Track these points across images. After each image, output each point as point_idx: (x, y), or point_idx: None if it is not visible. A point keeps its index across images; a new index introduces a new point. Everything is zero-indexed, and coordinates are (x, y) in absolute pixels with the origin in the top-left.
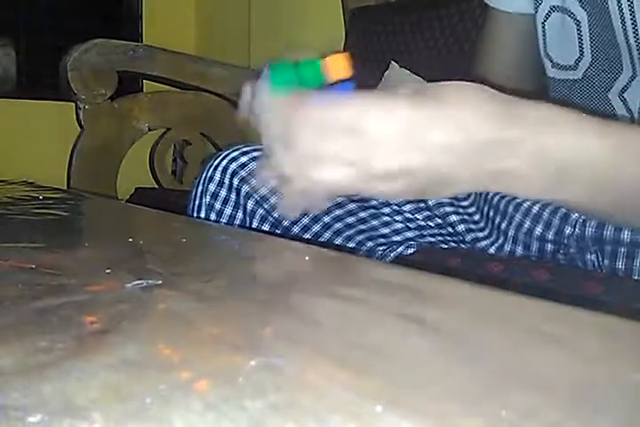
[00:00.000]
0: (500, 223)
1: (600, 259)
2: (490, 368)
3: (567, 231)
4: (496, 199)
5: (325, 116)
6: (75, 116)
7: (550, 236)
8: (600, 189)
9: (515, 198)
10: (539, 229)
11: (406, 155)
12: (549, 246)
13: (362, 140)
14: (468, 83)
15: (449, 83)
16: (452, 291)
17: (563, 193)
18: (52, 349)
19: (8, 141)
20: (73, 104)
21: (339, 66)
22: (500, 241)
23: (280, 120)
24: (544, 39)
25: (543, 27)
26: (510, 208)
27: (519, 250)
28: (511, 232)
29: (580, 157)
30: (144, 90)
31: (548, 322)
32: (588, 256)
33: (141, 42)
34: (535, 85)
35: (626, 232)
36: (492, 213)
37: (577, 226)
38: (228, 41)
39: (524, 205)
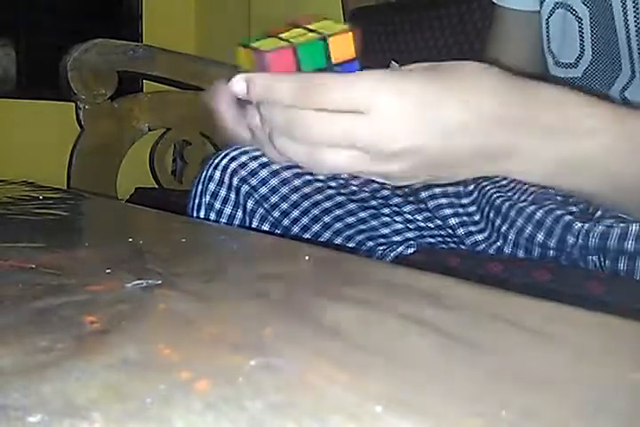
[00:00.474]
0: (500, 226)
1: (602, 259)
2: (490, 368)
3: (570, 241)
4: (498, 201)
5: (333, 98)
6: (75, 116)
7: (552, 244)
8: (609, 176)
9: (517, 202)
10: (540, 237)
11: (419, 134)
12: (551, 252)
13: (372, 119)
14: (480, 63)
15: (462, 63)
16: (452, 291)
17: (573, 180)
18: (52, 349)
19: (8, 141)
20: (73, 104)
21: (342, 46)
22: (499, 243)
23: (283, 107)
24: (547, 36)
25: (547, 23)
26: (512, 212)
27: (520, 253)
28: (511, 236)
29: (591, 142)
30: (144, 90)
31: (549, 322)
32: (590, 257)
33: (141, 42)
34: None
35: (630, 242)
36: (492, 215)
37: (580, 236)
38: (228, 41)
39: (527, 210)
